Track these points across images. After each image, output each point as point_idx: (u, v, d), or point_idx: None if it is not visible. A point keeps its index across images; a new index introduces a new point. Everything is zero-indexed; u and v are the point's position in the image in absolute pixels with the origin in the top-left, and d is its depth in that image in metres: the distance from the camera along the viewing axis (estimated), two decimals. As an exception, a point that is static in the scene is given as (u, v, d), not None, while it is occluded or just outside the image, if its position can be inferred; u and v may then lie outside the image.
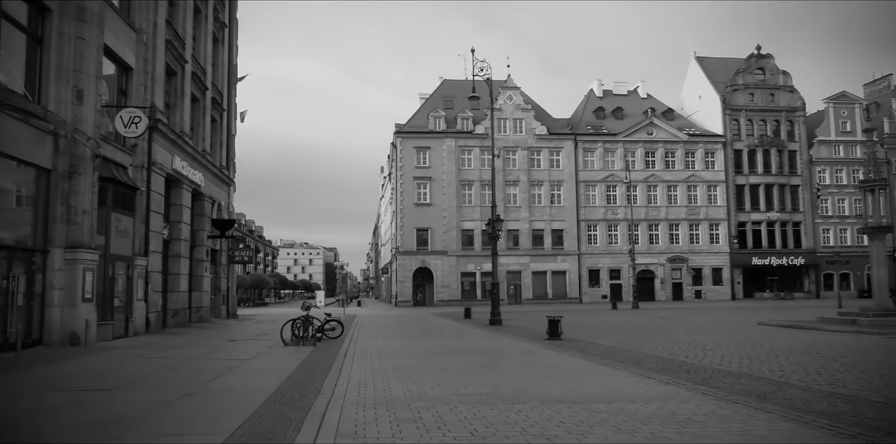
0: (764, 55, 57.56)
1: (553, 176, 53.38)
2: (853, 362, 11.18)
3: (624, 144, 54.37)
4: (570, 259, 52.92)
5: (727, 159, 55.49)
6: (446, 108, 54.71)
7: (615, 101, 59.73)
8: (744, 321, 24.39)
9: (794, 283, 56.25)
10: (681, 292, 53.84)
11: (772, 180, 55.74)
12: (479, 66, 24.62)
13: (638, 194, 53.85)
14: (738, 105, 56.03)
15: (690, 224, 54.60)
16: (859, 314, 21.03)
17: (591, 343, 15.37)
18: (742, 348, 13.81)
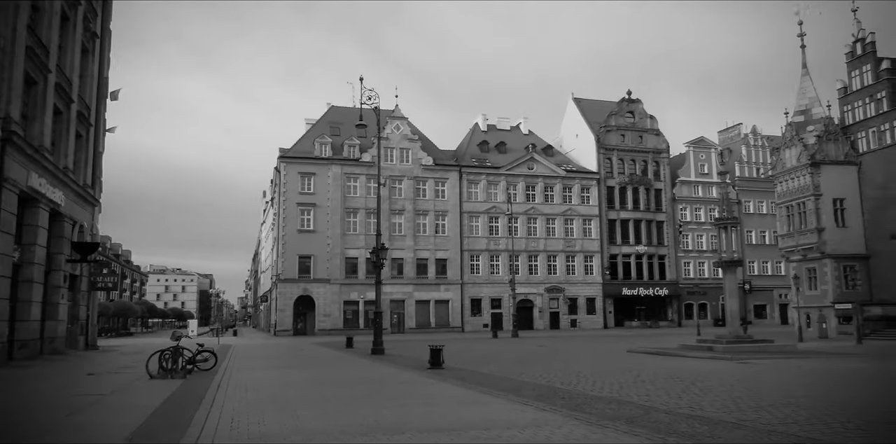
0: (634, 100, 62.10)
1: (438, 206, 54.21)
2: (709, 386, 12.04)
3: (506, 177, 56.32)
4: (454, 288, 53.61)
5: (601, 195, 58.87)
6: (333, 134, 54.37)
7: (499, 135, 61.95)
8: (615, 349, 25.65)
9: (660, 312, 60.03)
10: (558, 321, 55.89)
11: (640, 216, 59.63)
12: (368, 94, 24.76)
13: (519, 226, 55.76)
14: (610, 145, 59.84)
15: (567, 256, 57.10)
16: (715, 342, 22.75)
17: (472, 372, 15.55)
18: (612, 375, 14.49)
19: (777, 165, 40.99)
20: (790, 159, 39.45)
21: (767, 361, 18.45)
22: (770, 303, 62.72)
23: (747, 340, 22.93)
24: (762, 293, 61.51)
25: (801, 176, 38.36)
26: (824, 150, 37.94)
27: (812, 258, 37.85)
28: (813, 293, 37.86)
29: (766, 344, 22.48)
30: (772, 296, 62.26)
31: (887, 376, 14.08)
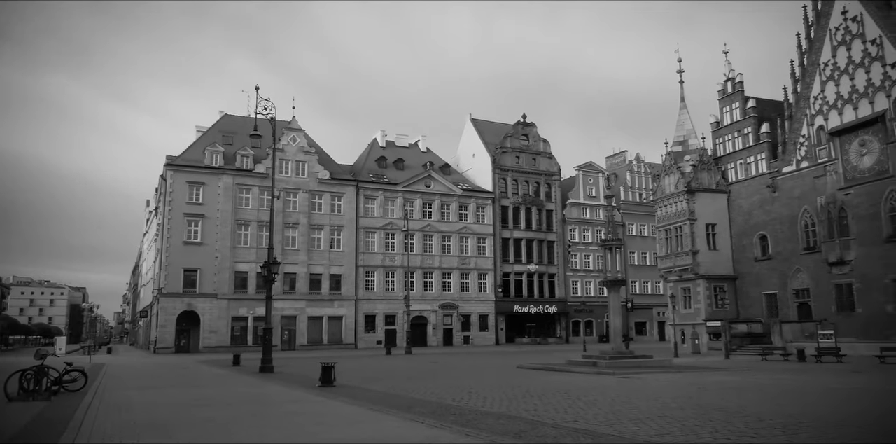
0: (528, 123, 64.40)
1: (334, 221, 53.48)
2: (593, 400, 12.52)
3: (404, 193, 56.53)
4: (348, 304, 52.84)
5: (495, 214, 60.31)
6: (226, 143, 52.50)
7: (397, 152, 62.19)
8: (505, 365, 26.16)
9: (549, 329, 61.97)
10: (451, 338, 56.34)
11: (532, 236, 61.56)
12: (263, 104, 24.16)
13: (415, 243, 55.98)
14: (506, 166, 61.60)
15: (462, 273, 57.90)
16: (599, 357, 23.71)
17: (365, 389, 15.33)
18: (503, 391, 14.76)
19: (658, 191, 43.70)
20: (669, 186, 42.18)
21: (646, 375, 19.44)
22: (650, 320, 66.36)
23: (629, 355, 24.06)
24: (643, 311, 64.96)
25: (679, 202, 41.08)
26: (699, 178, 40.89)
27: (687, 279, 40.49)
28: (687, 312, 40.43)
29: (645, 359, 23.69)
30: (651, 314, 65.92)
31: (750, 386, 15.23)
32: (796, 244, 36.36)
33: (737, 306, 39.91)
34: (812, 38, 36.19)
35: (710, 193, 40.88)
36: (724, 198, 41.13)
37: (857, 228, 32.83)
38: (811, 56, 36.18)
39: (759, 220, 38.91)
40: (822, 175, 34.87)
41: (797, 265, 36.21)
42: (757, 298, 38.69)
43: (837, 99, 34.38)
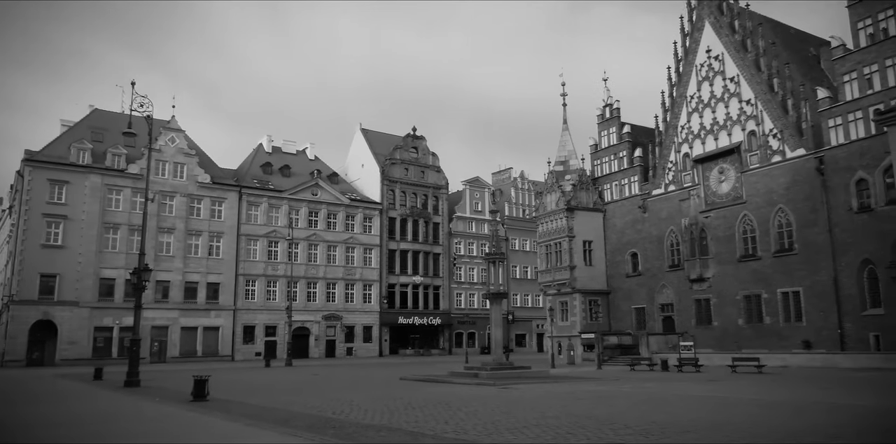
0: (418, 136, 65.03)
1: (214, 227, 51.18)
2: (474, 411, 12.74)
3: (289, 201, 55.17)
4: (226, 314, 50.59)
5: (383, 225, 60.19)
6: (95, 140, 48.92)
7: (283, 158, 60.69)
8: (388, 377, 26.06)
9: (433, 340, 62.42)
10: (334, 349, 55.34)
11: (418, 248, 61.98)
12: (140, 100, 22.80)
13: (299, 252, 54.68)
14: (394, 177, 61.74)
15: (347, 284, 57.16)
16: (480, 368, 24.18)
17: (240, 403, 14.73)
18: (384, 403, 14.69)
19: (540, 208, 45.48)
20: (550, 203, 44.03)
21: (525, 386, 20.05)
22: (529, 332, 68.55)
23: (508, 367, 24.72)
24: (523, 324, 67.00)
25: (559, 219, 42.94)
26: (578, 197, 43.00)
27: (565, 293, 42.31)
28: (564, 324, 42.20)
29: (524, 370, 24.44)
30: (531, 326, 68.14)
31: (619, 395, 16.12)
32: (663, 262, 39.04)
33: (609, 319, 42.15)
34: (681, 72, 39.26)
35: (588, 212, 43.06)
36: (600, 216, 43.46)
37: (716, 248, 35.76)
38: (679, 89, 39.21)
39: (630, 238, 41.42)
40: (686, 199, 37.74)
41: (663, 281, 38.85)
42: (627, 311, 41.08)
43: (701, 129, 37.44)
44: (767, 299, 32.92)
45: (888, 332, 27.63)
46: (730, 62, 36.09)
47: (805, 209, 31.47)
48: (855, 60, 29.73)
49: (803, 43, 39.55)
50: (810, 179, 31.30)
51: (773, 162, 33.23)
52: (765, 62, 34.13)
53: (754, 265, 33.65)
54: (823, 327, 30.31)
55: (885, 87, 28.42)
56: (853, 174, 29.46)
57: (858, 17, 29.78)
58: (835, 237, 30.05)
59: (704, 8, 37.78)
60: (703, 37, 37.89)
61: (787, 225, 32.37)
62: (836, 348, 29.27)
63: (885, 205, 27.76)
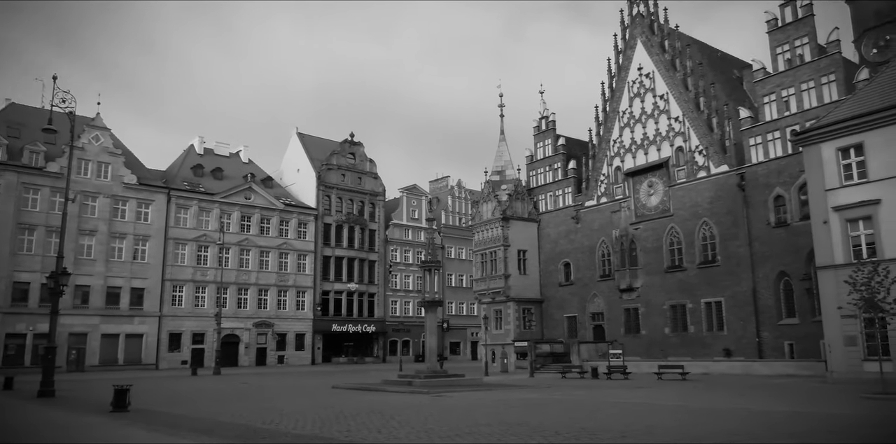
0: (356, 142, 64.57)
1: (139, 230, 49.23)
2: (407, 419, 12.69)
3: (221, 205, 53.71)
4: (150, 321, 48.62)
5: (318, 231, 59.34)
6: (11, 136, 46.31)
7: (216, 160, 59.10)
8: (320, 385, 25.64)
9: (367, 348, 61.81)
10: (265, 357, 54.03)
11: (354, 254, 61.40)
12: (62, 96, 21.77)
13: (230, 257, 53.24)
14: (331, 183, 61.04)
15: (280, 290, 55.99)
16: (414, 376, 24.12)
17: (164, 413, 14.19)
18: (316, 411, 14.45)
19: (476, 217, 45.90)
20: (487, 213, 44.51)
21: (458, 393, 20.12)
22: (464, 340, 68.85)
23: (442, 374, 24.76)
24: (458, 332, 67.25)
25: (495, 228, 43.45)
26: (514, 207, 43.64)
27: (499, 301, 42.76)
28: (498, 332, 42.61)
29: (458, 378, 24.54)
30: (466, 334, 68.47)
31: (550, 402, 16.40)
32: (594, 272, 40.03)
33: (542, 327, 42.85)
34: (614, 88, 40.54)
35: (523, 222, 43.75)
36: (535, 226, 44.23)
37: (644, 259, 36.95)
38: (612, 104, 40.47)
39: (564, 248, 42.30)
40: (617, 210, 38.88)
41: (594, 291, 39.82)
42: (560, 320, 41.87)
43: (632, 144, 38.72)
44: (692, 309, 34.22)
45: (801, 340, 29.17)
46: (660, 80, 37.51)
47: (727, 223, 32.94)
48: (774, 83, 31.44)
49: (728, 65, 41.53)
50: (732, 194, 32.81)
51: (699, 177, 34.67)
52: (692, 82, 35.64)
53: (680, 276, 34.94)
54: (743, 335, 31.72)
55: (801, 109, 30.16)
56: (771, 191, 31.06)
57: (777, 43, 31.53)
58: (754, 250, 31.56)
59: (637, 27, 39.18)
60: (635, 55, 39.25)
61: (711, 238, 33.79)
62: (755, 356, 30.67)
63: (800, 220, 29.36)
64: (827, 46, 29.72)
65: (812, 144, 24.18)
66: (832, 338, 22.74)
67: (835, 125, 23.39)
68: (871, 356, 20.94)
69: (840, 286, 20.71)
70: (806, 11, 30.52)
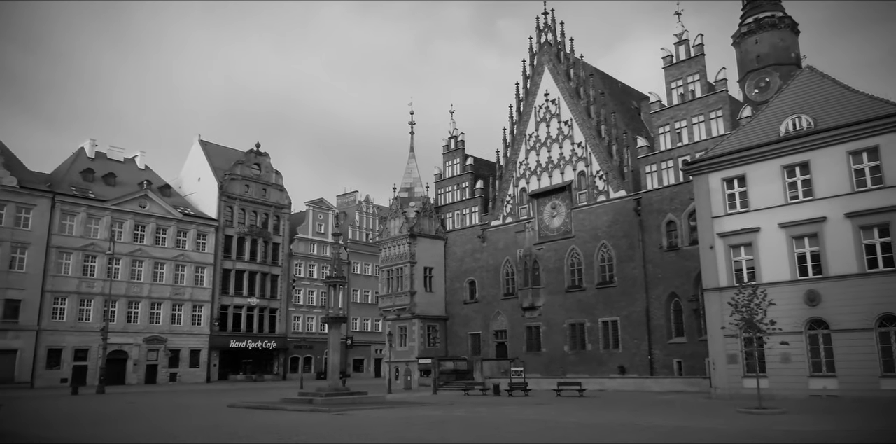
0: (262, 153, 62.97)
1: (18, 236, 45.60)
2: (305, 439, 12.41)
3: (112, 212, 50.72)
4: (26, 335, 44.87)
5: (218, 243, 57.13)
6: None
7: (109, 165, 55.91)
8: (216, 404, 24.57)
9: (266, 365, 59.80)
10: (155, 375, 51.09)
11: (256, 268, 59.51)
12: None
13: (121, 268, 50.25)
14: (234, 194, 59.09)
15: (174, 304, 53.30)
16: (315, 394, 23.61)
17: (36, 437, 13.15)
18: (208, 433, 13.85)
19: (383, 233, 45.81)
20: (394, 229, 44.53)
21: (360, 411, 19.88)
22: (368, 357, 68.02)
23: (345, 392, 24.38)
24: (362, 348, 66.38)
25: (402, 245, 43.51)
26: (421, 224, 43.92)
27: (404, 318, 42.70)
28: (403, 349, 42.48)
29: (360, 396, 24.22)
30: (370, 351, 67.69)
31: (453, 419, 16.50)
32: (498, 290, 40.83)
33: (447, 344, 43.12)
34: (521, 112, 41.88)
35: (430, 239, 44.08)
36: (441, 244, 44.65)
37: (546, 278, 38.09)
38: (520, 127, 41.76)
39: (469, 266, 42.92)
40: (522, 231, 39.95)
41: (498, 309, 40.58)
42: (464, 337, 42.30)
43: (537, 167, 40.04)
44: (590, 328, 35.54)
45: (689, 358, 30.91)
46: (565, 107, 39.13)
47: (624, 246, 34.59)
48: (668, 116, 33.55)
49: (627, 96, 43.94)
50: (629, 218, 34.54)
51: (599, 201, 36.28)
52: (595, 110, 37.41)
53: (580, 296, 36.25)
54: (636, 353, 33.24)
55: (691, 141, 32.32)
56: (664, 216, 32.96)
57: (672, 79, 33.73)
58: (648, 272, 33.28)
59: (545, 54, 40.78)
60: (542, 81, 40.78)
61: (609, 260, 35.34)
62: (647, 373, 32.18)
63: (689, 245, 31.28)
64: (715, 84, 32.09)
65: (701, 174, 25.93)
66: (716, 356, 24.27)
67: (720, 157, 25.22)
68: (749, 373, 22.50)
69: (724, 308, 22.20)
70: (697, 51, 32.88)
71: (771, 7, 42.58)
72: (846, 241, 21.72)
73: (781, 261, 23.05)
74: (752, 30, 42.20)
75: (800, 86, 25.55)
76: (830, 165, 22.50)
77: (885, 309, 20.62)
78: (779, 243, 23.23)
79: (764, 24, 41.86)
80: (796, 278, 22.67)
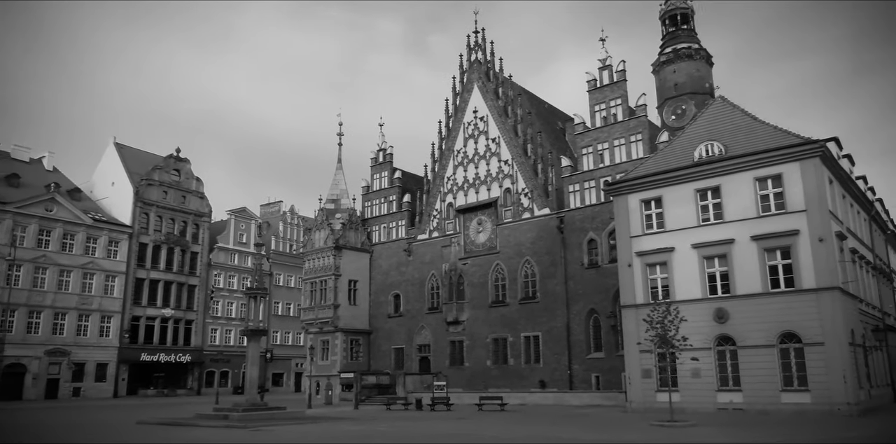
0: (182, 159, 60.79)
1: None
2: (225, 458, 12.04)
3: (14, 215, 47.63)
4: None
5: (132, 251, 54.61)
6: None
7: (12, 165, 52.62)
8: (123, 420, 23.39)
9: (180, 380, 57.27)
10: (56, 390, 47.99)
11: (172, 278, 57.18)
12: None
13: (22, 275, 47.17)
14: (151, 200, 56.72)
15: (81, 314, 50.38)
16: (231, 410, 22.90)
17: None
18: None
19: (308, 244, 45.10)
20: (319, 241, 43.93)
21: (278, 427, 19.42)
22: (287, 371, 66.38)
23: (263, 407, 23.77)
24: (282, 362, 64.71)
25: (326, 257, 42.96)
26: (347, 236, 43.54)
27: (327, 331, 42.05)
28: (324, 363, 41.76)
29: (279, 411, 23.67)
30: (290, 365, 66.10)
31: (373, 434, 16.39)
32: (423, 304, 40.90)
33: (370, 358, 42.72)
34: (450, 127, 42.39)
35: (356, 252, 43.74)
36: (367, 257, 44.37)
37: (471, 293, 38.49)
38: (448, 142, 42.24)
39: (395, 280, 42.82)
40: (448, 245, 40.26)
41: (422, 323, 40.62)
42: (387, 351, 42.04)
43: (465, 182, 40.56)
44: (512, 343, 36.09)
45: (606, 373, 31.88)
46: (493, 124, 39.90)
47: (547, 262, 35.44)
48: (591, 137, 34.81)
49: (553, 116, 45.28)
50: (552, 235, 35.45)
51: (524, 218, 37.08)
52: (521, 129, 38.34)
53: (503, 311, 36.79)
54: (557, 368, 34.00)
55: (613, 162, 33.62)
56: (586, 234, 34.03)
57: (596, 102, 35.07)
58: (569, 289, 34.20)
59: (475, 72, 41.53)
60: (472, 98, 41.47)
61: (533, 275, 36.10)
62: (566, 388, 32.94)
63: (609, 263, 32.39)
64: (636, 109, 33.58)
65: (621, 195, 27.01)
66: (631, 371, 25.17)
67: (639, 180, 26.38)
68: (662, 388, 23.45)
69: (640, 324, 23.12)
70: (620, 77, 34.36)
71: (688, 39, 45.06)
72: (752, 262, 23.08)
73: (693, 280, 24.24)
74: (671, 59, 44.48)
75: (713, 114, 27.12)
76: (739, 190, 23.93)
77: (786, 327, 22.01)
78: (691, 262, 24.43)
79: (681, 54, 44.20)
80: (707, 297, 23.88)
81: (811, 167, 22.68)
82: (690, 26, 46.06)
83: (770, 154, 23.33)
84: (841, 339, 21.14)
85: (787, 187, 22.99)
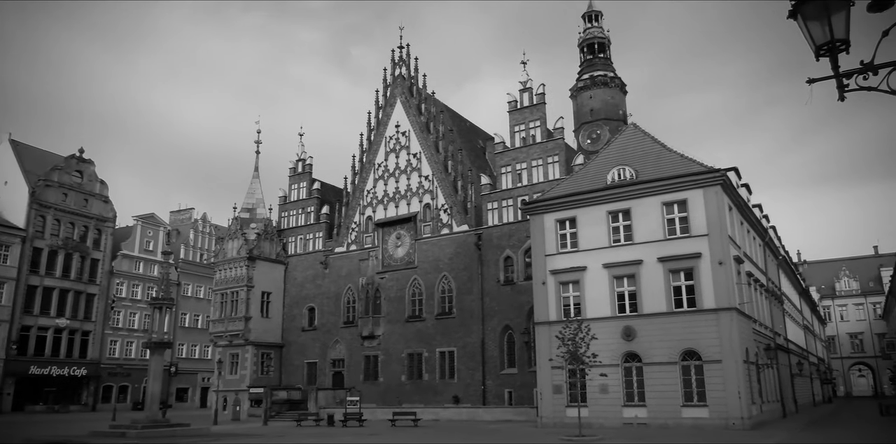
0: (85, 160, 57.50)
1: None
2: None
3: None
4: None
5: (24, 256, 51.00)
6: None
7: None
8: (7, 439, 21.74)
9: (73, 395, 53.62)
10: (-76, 408, 43.98)
11: (69, 286, 53.77)
12: None
13: None
14: (48, 202, 53.31)
15: (-39, 325, 46.54)
16: (129, 427, 21.80)
17: None
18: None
19: (220, 254, 43.68)
20: (232, 250, 42.65)
21: (182, 448, 18.62)
22: (193, 386, 63.53)
23: (164, 424, 22.76)
24: (187, 376, 61.87)
25: (239, 267, 41.74)
26: (261, 247, 42.50)
27: (237, 344, 40.71)
28: (233, 378, 40.36)
29: (182, 428, 22.75)
30: (196, 379, 63.29)
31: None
32: (338, 318, 40.36)
33: (281, 373, 41.63)
34: (372, 141, 42.34)
35: (270, 263, 42.73)
36: (282, 268, 43.42)
37: (388, 307, 38.34)
38: (369, 156, 42.15)
39: (310, 292, 42.07)
40: (365, 259, 40.02)
41: (337, 337, 40.05)
42: (300, 365, 41.12)
43: (385, 196, 40.55)
44: (427, 358, 36.15)
45: (519, 388, 32.44)
46: (415, 140, 40.17)
47: (464, 278, 35.84)
48: (510, 157, 35.66)
49: (474, 135, 46.08)
50: (470, 252, 35.92)
51: (442, 234, 37.40)
52: (443, 145, 38.79)
53: (419, 326, 36.84)
54: (471, 383, 34.29)
55: (530, 182, 34.55)
56: (502, 252, 34.70)
57: (515, 123, 36.01)
58: (485, 305, 34.69)
59: (398, 87, 41.75)
60: (394, 112, 41.60)
61: (450, 291, 36.39)
62: (480, 403, 33.25)
63: (524, 280, 33.11)
64: (554, 132, 34.72)
65: (537, 214, 27.77)
66: (543, 386, 25.76)
67: (555, 200, 27.24)
68: (572, 403, 24.12)
69: (552, 341, 23.74)
70: (539, 99, 35.46)
71: (604, 67, 47.12)
72: (658, 282, 24.24)
73: (604, 298, 25.17)
74: (588, 85, 46.33)
75: (625, 140, 28.43)
76: (648, 213, 25.13)
77: (687, 345, 23.20)
78: (602, 281, 25.38)
79: (598, 81, 46.14)
80: (616, 315, 24.84)
81: (713, 194, 24.13)
82: (607, 55, 48.20)
83: (676, 180, 24.66)
84: (737, 357, 22.47)
85: (691, 212, 24.33)
